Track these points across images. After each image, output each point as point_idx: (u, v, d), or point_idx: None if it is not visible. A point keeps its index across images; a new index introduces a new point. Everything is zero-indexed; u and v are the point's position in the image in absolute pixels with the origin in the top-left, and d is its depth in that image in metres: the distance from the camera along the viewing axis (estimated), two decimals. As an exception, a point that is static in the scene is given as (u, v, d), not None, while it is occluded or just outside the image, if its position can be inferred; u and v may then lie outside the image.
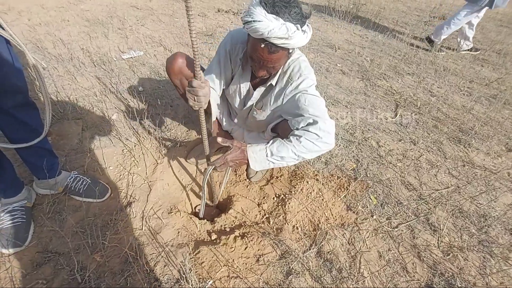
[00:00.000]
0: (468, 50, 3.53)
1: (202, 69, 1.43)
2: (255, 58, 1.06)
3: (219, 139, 1.10)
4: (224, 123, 1.59)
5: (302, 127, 1.08)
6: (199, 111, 1.09)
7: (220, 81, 1.32)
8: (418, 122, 2.16)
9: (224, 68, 1.29)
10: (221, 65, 1.28)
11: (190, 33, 0.84)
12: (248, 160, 1.08)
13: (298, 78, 1.15)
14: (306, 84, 1.15)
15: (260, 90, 1.27)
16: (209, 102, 1.19)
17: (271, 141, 1.09)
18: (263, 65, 1.07)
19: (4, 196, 1.21)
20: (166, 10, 3.90)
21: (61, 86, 2.11)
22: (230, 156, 1.09)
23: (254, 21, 0.92)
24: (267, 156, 1.07)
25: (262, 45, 0.98)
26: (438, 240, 1.35)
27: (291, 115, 1.17)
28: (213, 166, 1.13)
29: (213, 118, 1.33)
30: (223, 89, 1.38)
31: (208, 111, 1.25)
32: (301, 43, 1.00)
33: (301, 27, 0.96)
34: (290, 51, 1.06)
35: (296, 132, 1.08)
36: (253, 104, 1.32)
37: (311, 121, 1.06)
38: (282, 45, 0.97)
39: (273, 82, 1.21)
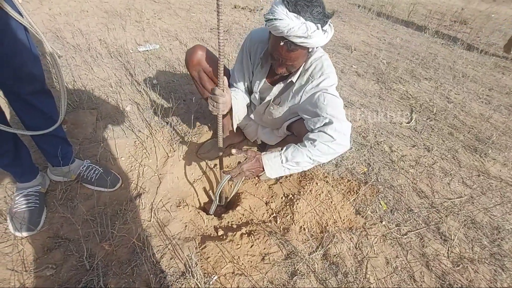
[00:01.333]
0: None
1: (227, 72, 1.46)
2: (275, 56, 1.08)
3: (233, 151, 1.12)
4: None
5: (318, 127, 1.07)
6: (217, 116, 1.15)
7: (244, 81, 1.38)
8: (433, 129, 2.11)
9: (246, 67, 1.34)
10: (243, 65, 1.34)
11: (218, 41, 0.95)
12: (263, 168, 1.09)
13: (320, 76, 1.15)
14: (327, 83, 1.14)
15: (279, 86, 1.27)
16: (230, 109, 1.24)
17: (285, 147, 1.10)
18: (283, 63, 1.09)
19: (20, 181, 1.25)
20: (183, 4, 3.92)
21: (78, 75, 2.15)
22: (246, 166, 1.10)
23: (275, 19, 0.94)
24: (282, 162, 1.07)
25: (282, 43, 0.99)
26: (448, 250, 1.32)
27: (308, 113, 1.16)
28: (229, 176, 1.14)
29: (234, 122, 1.37)
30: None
31: (227, 115, 1.31)
32: (321, 42, 0.99)
33: (321, 27, 0.96)
34: (310, 50, 1.06)
35: (310, 136, 1.07)
36: (271, 99, 1.32)
37: (327, 121, 1.05)
38: (301, 44, 0.98)
39: (294, 79, 1.21)
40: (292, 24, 0.92)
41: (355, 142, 1.88)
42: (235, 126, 1.39)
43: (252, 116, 1.53)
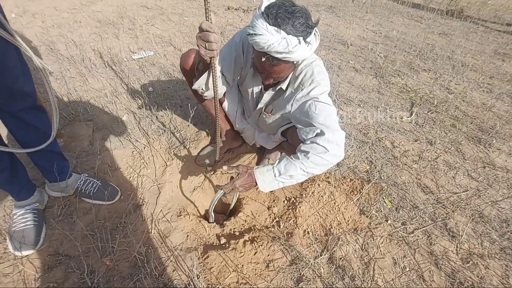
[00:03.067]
0: None
1: None
2: (259, 69, 1.07)
3: (225, 167, 1.10)
4: (237, 124, 1.57)
5: (310, 138, 1.04)
6: (211, 63, 1.01)
7: (229, 68, 1.26)
8: (435, 121, 2.07)
9: (236, 57, 1.24)
10: (232, 53, 1.23)
11: None
12: (256, 183, 1.07)
13: (310, 84, 1.11)
14: (318, 91, 1.10)
15: (270, 93, 1.24)
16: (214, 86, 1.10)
17: (278, 160, 1.08)
18: (268, 75, 1.07)
19: (17, 199, 1.23)
20: (175, 9, 3.89)
21: (73, 87, 2.13)
22: (238, 182, 1.08)
23: (255, 34, 0.90)
24: (275, 176, 1.05)
25: (263, 58, 0.96)
26: (456, 246, 1.29)
27: (300, 122, 1.14)
28: (223, 192, 1.12)
29: (219, 89, 1.20)
30: (236, 81, 1.36)
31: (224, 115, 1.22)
32: (305, 55, 0.96)
33: (304, 39, 0.92)
34: (295, 62, 1.02)
35: (303, 147, 1.04)
36: (263, 107, 1.30)
37: (319, 131, 1.02)
38: (283, 59, 0.95)
39: (283, 86, 1.18)
40: (272, 40, 0.88)
41: (356, 139, 1.85)
42: (220, 90, 1.23)
43: (248, 120, 1.51)
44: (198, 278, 1.08)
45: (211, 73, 1.06)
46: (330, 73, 2.61)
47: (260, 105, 1.29)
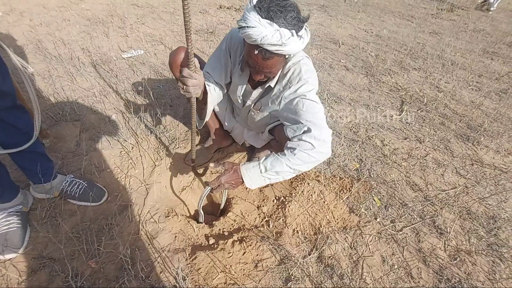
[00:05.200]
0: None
1: (202, 62, 1.41)
2: (251, 63, 1.05)
3: (211, 164, 1.10)
4: (226, 122, 1.56)
5: (297, 135, 1.04)
6: (191, 100, 1.05)
7: (220, 75, 1.28)
8: (424, 119, 2.09)
9: (225, 63, 1.26)
10: (221, 60, 1.26)
11: (184, 19, 0.79)
12: (243, 179, 1.06)
13: (298, 82, 1.11)
14: (305, 88, 1.10)
15: (259, 90, 1.23)
16: (205, 93, 1.16)
17: (264, 157, 1.07)
18: (259, 70, 1.06)
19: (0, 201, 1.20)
20: (167, 7, 3.86)
21: (60, 87, 2.09)
22: (224, 178, 1.07)
23: (247, 26, 0.90)
24: (261, 172, 1.04)
25: (256, 51, 0.96)
26: (444, 243, 1.29)
27: (288, 120, 1.13)
28: (210, 188, 1.11)
29: (209, 108, 1.26)
30: (226, 84, 1.35)
31: (203, 101, 1.22)
32: (297, 49, 0.96)
33: (296, 33, 0.92)
34: (287, 56, 1.02)
35: (290, 144, 1.04)
36: (251, 104, 1.29)
37: (306, 129, 1.02)
38: (276, 51, 0.94)
39: (272, 84, 1.18)
40: (265, 32, 0.88)
41: (346, 138, 1.85)
42: (209, 108, 1.27)
43: (237, 119, 1.50)
44: (184, 280, 1.06)
45: (195, 106, 1.10)
46: (321, 72, 2.61)
47: (248, 102, 1.29)
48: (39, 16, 3.23)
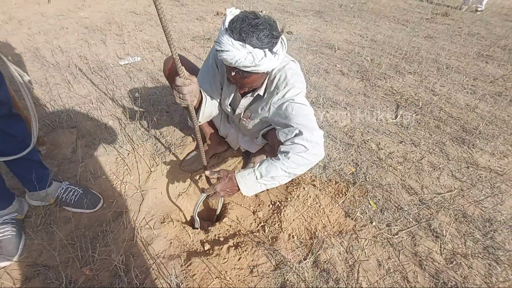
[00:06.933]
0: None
1: (195, 68, 1.43)
2: (231, 80, 1.08)
3: (207, 172, 1.11)
4: (221, 128, 1.57)
5: (289, 138, 1.05)
6: (189, 108, 1.06)
7: (211, 87, 1.30)
8: (419, 123, 2.10)
9: (213, 75, 1.28)
10: (209, 72, 1.28)
11: (163, 28, 0.79)
12: (238, 187, 1.06)
13: (285, 87, 1.12)
14: (293, 92, 1.11)
15: (247, 99, 1.24)
16: (201, 99, 1.18)
17: (259, 163, 1.07)
18: (241, 86, 1.09)
19: (-6, 209, 1.20)
20: (164, 15, 3.89)
21: (57, 94, 2.10)
22: (219, 186, 1.08)
23: (222, 50, 0.91)
24: (257, 178, 1.05)
25: (233, 73, 0.99)
26: (440, 247, 1.29)
27: (279, 125, 1.14)
28: (205, 195, 1.12)
29: (202, 115, 1.25)
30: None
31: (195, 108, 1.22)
32: (273, 65, 0.98)
33: (270, 50, 0.93)
34: (266, 72, 1.03)
35: (283, 148, 1.05)
36: (241, 113, 1.30)
37: (297, 131, 1.03)
38: (252, 71, 0.96)
39: (261, 92, 1.19)
40: (238, 56, 0.90)
41: (342, 142, 1.86)
42: (202, 118, 1.27)
43: (232, 124, 1.51)
44: (180, 285, 1.06)
45: (194, 114, 1.09)
46: (317, 76, 2.63)
47: (238, 111, 1.30)
48: (38, 24, 3.27)
